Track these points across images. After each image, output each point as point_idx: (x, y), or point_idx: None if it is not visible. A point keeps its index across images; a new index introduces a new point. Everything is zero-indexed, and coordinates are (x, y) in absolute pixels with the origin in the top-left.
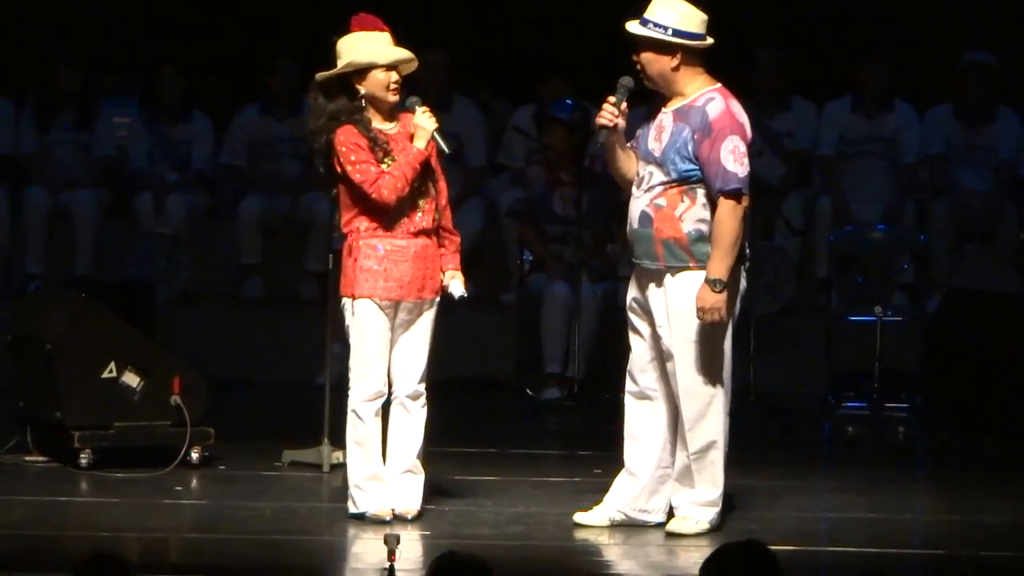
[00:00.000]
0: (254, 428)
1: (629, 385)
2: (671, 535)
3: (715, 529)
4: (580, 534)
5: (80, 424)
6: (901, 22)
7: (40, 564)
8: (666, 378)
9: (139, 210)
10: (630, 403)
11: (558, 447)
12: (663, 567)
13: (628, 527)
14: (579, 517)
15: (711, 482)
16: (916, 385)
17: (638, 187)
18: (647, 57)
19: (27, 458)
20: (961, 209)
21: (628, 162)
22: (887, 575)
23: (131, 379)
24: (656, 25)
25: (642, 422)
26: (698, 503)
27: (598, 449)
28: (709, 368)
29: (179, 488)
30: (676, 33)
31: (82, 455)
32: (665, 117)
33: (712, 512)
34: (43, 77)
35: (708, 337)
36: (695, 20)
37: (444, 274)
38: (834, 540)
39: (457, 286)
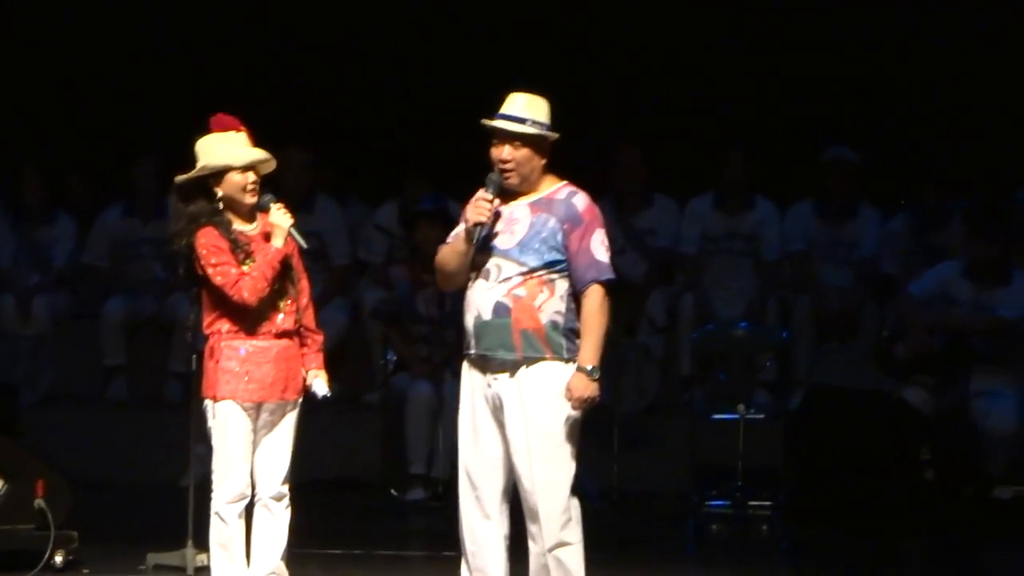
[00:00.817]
0: (118, 531)
1: (466, 502)
2: None
3: None
4: None
5: None
6: (762, 118)
7: None
8: (501, 476)
9: (2, 312)
10: (472, 523)
11: (423, 548)
12: None
13: None
14: None
15: (580, 574)
16: (778, 482)
17: (486, 279)
18: (525, 154)
19: None
20: (822, 306)
21: (467, 257)
22: None
23: None
24: (535, 122)
25: (486, 543)
26: None
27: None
28: (567, 462)
29: None
30: (546, 128)
31: None
32: (517, 209)
33: None
34: None
35: (566, 431)
36: (549, 113)
37: (307, 373)
38: None
39: (321, 385)
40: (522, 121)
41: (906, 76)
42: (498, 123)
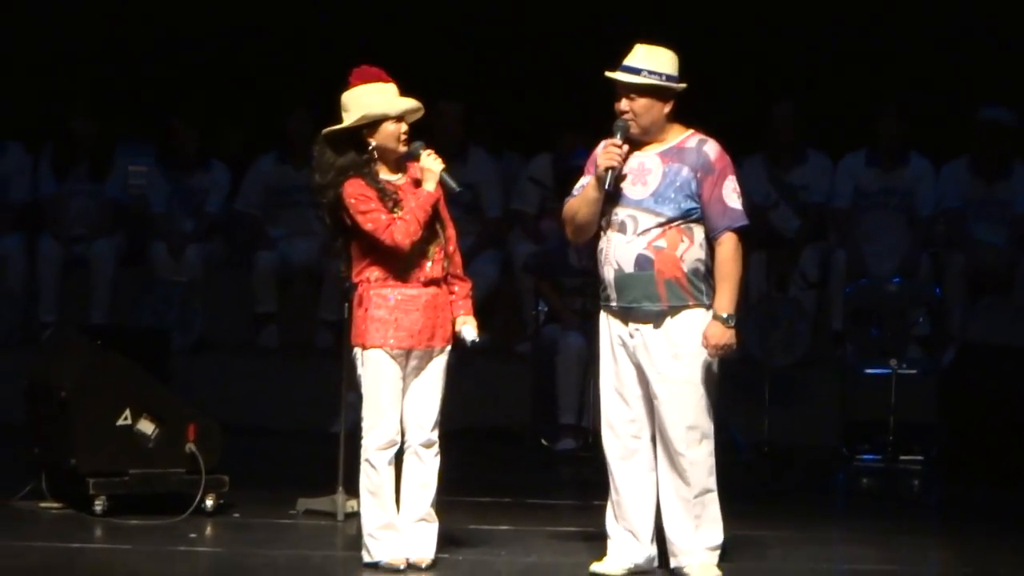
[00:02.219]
0: (269, 476)
1: (610, 442)
2: None
3: None
4: None
5: (95, 471)
6: (917, 76)
7: None
8: (646, 425)
9: (155, 258)
10: (617, 465)
11: (573, 497)
12: None
13: (641, 574)
14: (595, 567)
15: (715, 523)
16: (931, 437)
17: (623, 232)
18: (644, 104)
19: (42, 504)
20: (976, 263)
21: (598, 206)
22: None
23: (146, 426)
24: (651, 72)
25: (632, 482)
26: (709, 547)
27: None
28: (708, 410)
29: (193, 535)
30: (669, 78)
31: (96, 502)
32: (647, 159)
33: (718, 554)
34: (59, 126)
35: (708, 379)
36: (676, 64)
37: (456, 320)
38: None
39: (469, 331)
40: (637, 72)
41: None
42: (616, 75)
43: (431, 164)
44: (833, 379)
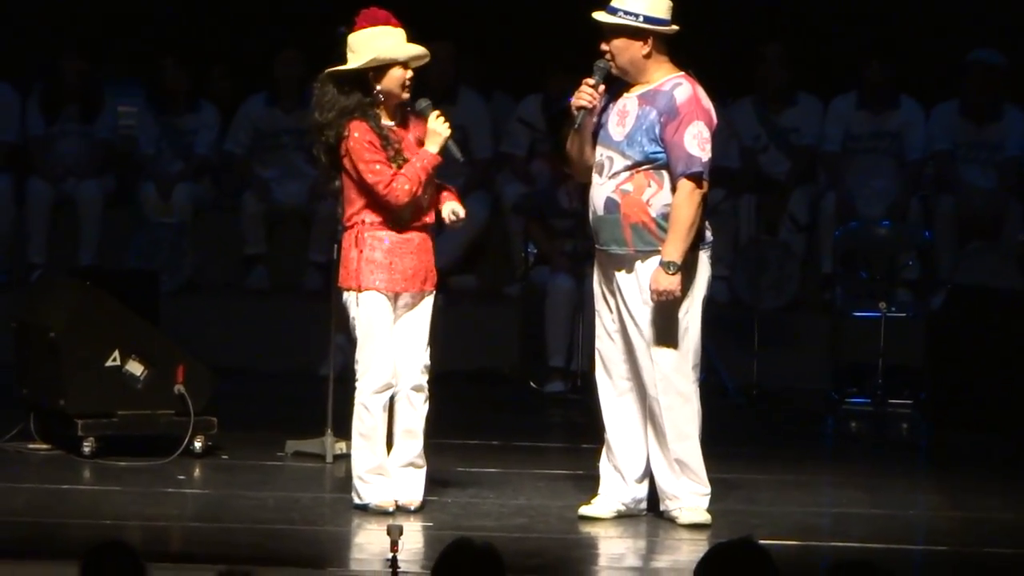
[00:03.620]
0: (257, 418)
1: (603, 384)
2: (691, 526)
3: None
4: (584, 527)
5: (83, 412)
6: (907, 18)
7: (43, 552)
8: (635, 369)
9: (144, 199)
10: (608, 404)
11: (561, 440)
12: (671, 558)
13: (629, 518)
14: (584, 510)
15: (700, 469)
16: (920, 381)
17: (599, 174)
18: (619, 44)
19: (30, 446)
20: (966, 206)
21: (590, 148)
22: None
23: (135, 368)
24: (627, 13)
25: (621, 421)
26: (697, 493)
27: (602, 442)
28: (685, 355)
29: (182, 477)
30: (647, 20)
31: (85, 443)
32: (629, 102)
33: (707, 500)
34: (48, 66)
35: (682, 324)
36: (663, 7)
37: (444, 205)
38: (836, 535)
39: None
40: (614, 12)
41: None
42: (596, 14)
43: (439, 127)
44: (822, 322)
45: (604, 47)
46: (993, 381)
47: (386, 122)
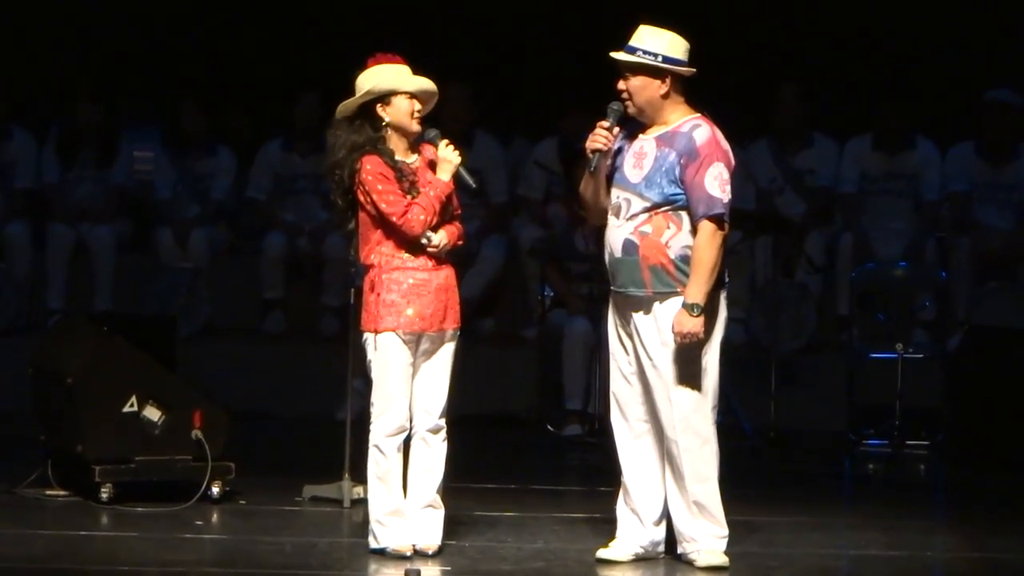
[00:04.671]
0: (275, 463)
1: (619, 426)
2: (709, 569)
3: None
4: (602, 570)
5: (101, 458)
6: (923, 59)
7: None
8: (652, 411)
9: (161, 244)
10: (624, 447)
11: (579, 483)
12: None
13: (646, 560)
14: (602, 553)
15: (718, 511)
16: (937, 422)
17: (616, 216)
18: (637, 83)
19: (48, 492)
20: (982, 247)
21: (605, 191)
22: None
23: (152, 413)
24: (646, 52)
25: (638, 464)
26: (715, 535)
27: (619, 485)
28: (704, 396)
29: (199, 522)
30: (666, 60)
31: (103, 489)
32: (646, 143)
33: (725, 542)
34: (64, 110)
35: (701, 366)
36: (681, 47)
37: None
38: None
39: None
40: (633, 51)
41: None
42: (615, 54)
43: (450, 155)
44: (839, 363)
45: (621, 86)
46: (1011, 422)
47: (400, 157)
